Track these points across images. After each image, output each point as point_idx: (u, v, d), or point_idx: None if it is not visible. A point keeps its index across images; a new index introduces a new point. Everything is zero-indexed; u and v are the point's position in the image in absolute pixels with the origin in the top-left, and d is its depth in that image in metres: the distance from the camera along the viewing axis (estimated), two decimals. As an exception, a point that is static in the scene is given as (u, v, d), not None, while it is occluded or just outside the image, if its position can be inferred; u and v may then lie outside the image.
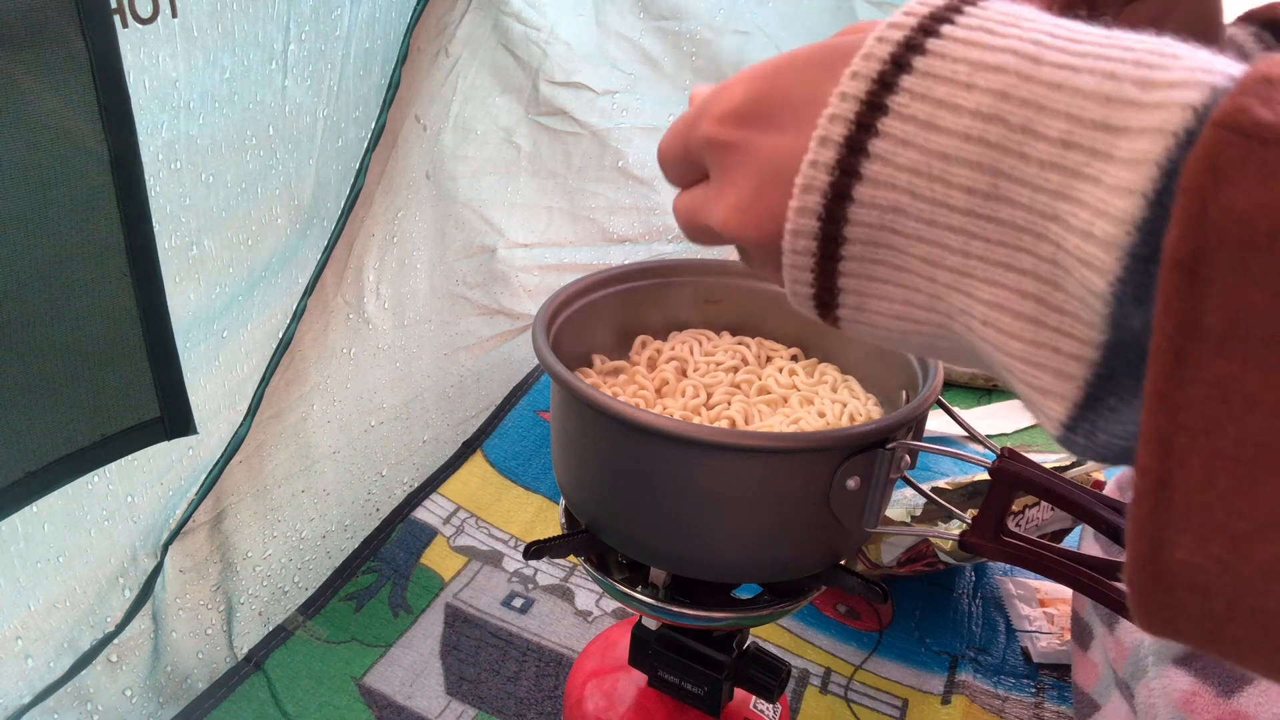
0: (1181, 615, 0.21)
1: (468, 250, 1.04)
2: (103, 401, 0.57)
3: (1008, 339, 0.24)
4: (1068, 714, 0.76)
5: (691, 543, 0.46)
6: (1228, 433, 0.19)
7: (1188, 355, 0.19)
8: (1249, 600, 0.20)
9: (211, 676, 0.77)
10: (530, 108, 1.04)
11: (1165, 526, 0.20)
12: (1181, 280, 0.19)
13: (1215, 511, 0.19)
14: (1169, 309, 0.19)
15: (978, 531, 0.43)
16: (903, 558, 0.82)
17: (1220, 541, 0.20)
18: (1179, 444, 0.20)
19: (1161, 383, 0.20)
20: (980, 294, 0.24)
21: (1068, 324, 0.23)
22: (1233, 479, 0.19)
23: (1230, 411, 0.19)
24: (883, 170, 0.25)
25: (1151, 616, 0.22)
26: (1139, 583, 0.21)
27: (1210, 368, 0.19)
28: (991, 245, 0.24)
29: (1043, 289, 0.23)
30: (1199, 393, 0.19)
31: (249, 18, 0.63)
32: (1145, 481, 0.20)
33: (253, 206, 0.71)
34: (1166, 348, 0.19)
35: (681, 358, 0.56)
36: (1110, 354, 0.22)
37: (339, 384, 0.89)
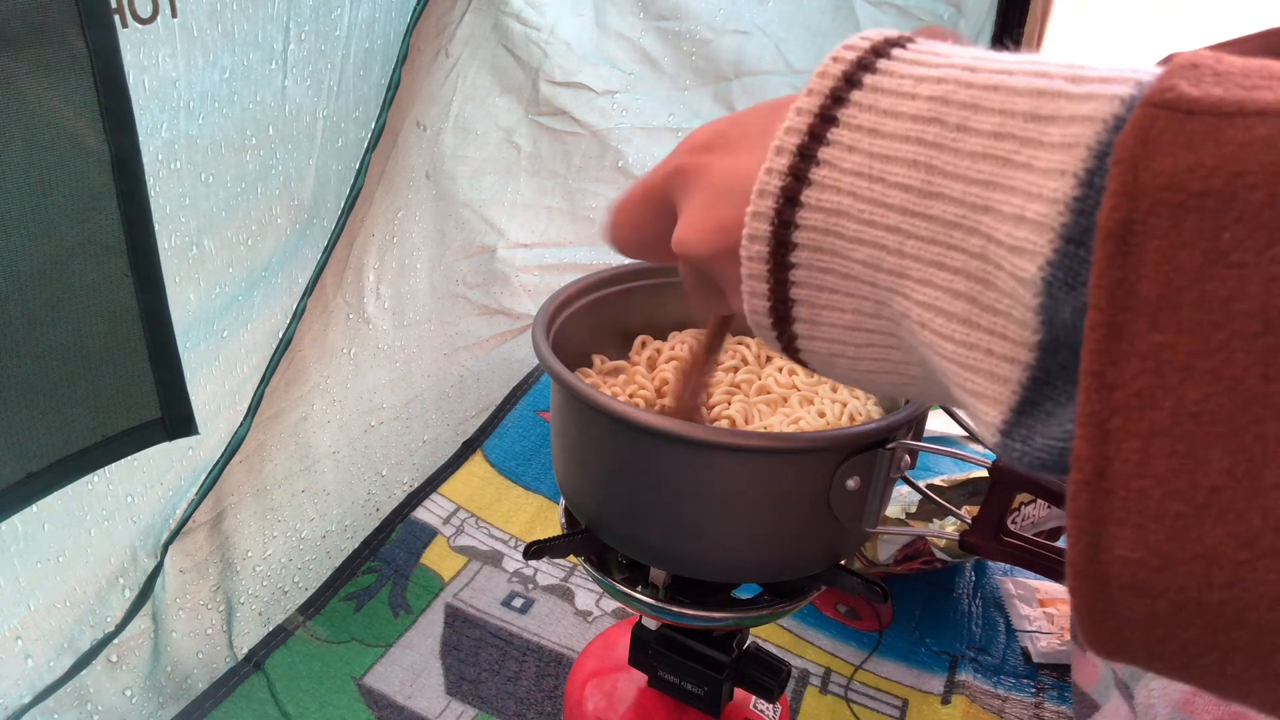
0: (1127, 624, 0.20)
1: (468, 250, 1.05)
2: (103, 402, 0.57)
3: (941, 340, 0.24)
4: (1068, 714, 0.76)
5: (691, 543, 0.46)
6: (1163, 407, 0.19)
7: (1122, 328, 0.19)
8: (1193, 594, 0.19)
9: (211, 676, 0.77)
10: (530, 108, 1.04)
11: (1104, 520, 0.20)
12: (1114, 250, 0.19)
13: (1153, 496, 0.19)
14: (1102, 281, 0.19)
15: (978, 532, 0.43)
16: (899, 555, 0.82)
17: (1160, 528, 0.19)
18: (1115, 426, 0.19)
19: (1096, 360, 0.19)
20: (915, 295, 0.25)
21: (1000, 324, 0.23)
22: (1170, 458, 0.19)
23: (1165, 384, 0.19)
24: (829, 175, 0.26)
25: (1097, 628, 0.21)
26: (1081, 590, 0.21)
27: (1145, 339, 0.19)
28: (924, 244, 0.24)
29: (974, 288, 0.23)
30: (1134, 367, 0.19)
31: (249, 18, 0.63)
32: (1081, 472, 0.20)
33: (253, 206, 0.71)
34: (1101, 322, 0.19)
35: (681, 358, 0.56)
36: (1044, 355, 0.22)
37: (339, 384, 0.89)
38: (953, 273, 0.24)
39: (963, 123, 0.23)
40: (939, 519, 0.83)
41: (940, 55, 0.25)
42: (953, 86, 0.24)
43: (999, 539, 0.43)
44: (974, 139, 0.23)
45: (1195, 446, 0.18)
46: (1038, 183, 0.21)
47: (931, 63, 0.25)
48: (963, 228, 0.23)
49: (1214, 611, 0.19)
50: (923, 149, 0.24)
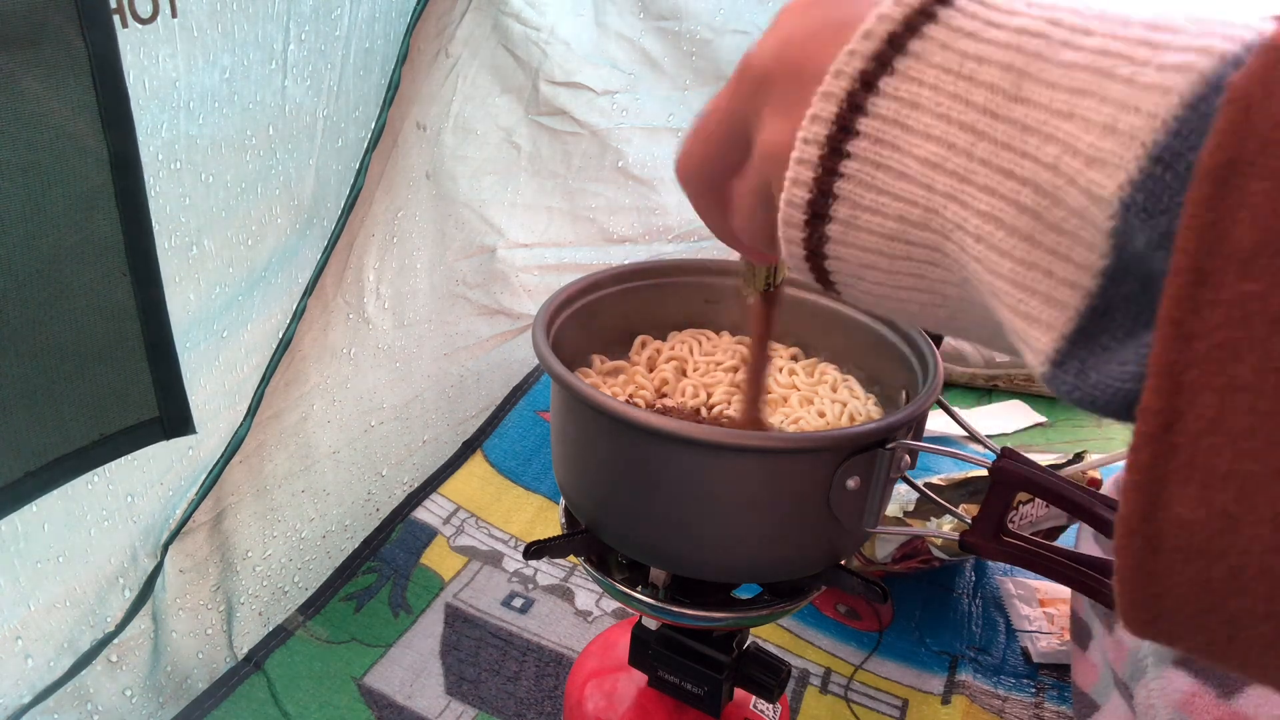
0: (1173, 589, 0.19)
1: (468, 250, 1.05)
2: (101, 401, 0.57)
3: (998, 257, 0.23)
4: (1068, 714, 0.76)
5: (691, 543, 0.46)
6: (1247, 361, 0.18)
7: (1209, 274, 0.18)
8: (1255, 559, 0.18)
9: (211, 676, 0.77)
10: (530, 108, 1.04)
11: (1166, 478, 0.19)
12: (1211, 191, 0.18)
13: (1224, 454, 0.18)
14: (1193, 223, 0.18)
15: (978, 532, 0.43)
16: (897, 554, 0.82)
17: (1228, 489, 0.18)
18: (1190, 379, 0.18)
19: (1177, 308, 0.18)
20: (976, 202, 0.23)
21: (1065, 245, 0.22)
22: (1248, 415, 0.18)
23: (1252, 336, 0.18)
24: (913, 66, 0.24)
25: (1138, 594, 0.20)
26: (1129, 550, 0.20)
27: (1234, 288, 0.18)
28: (997, 147, 0.23)
29: (1041, 202, 0.22)
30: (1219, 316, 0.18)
31: (249, 18, 0.63)
32: (1148, 425, 0.19)
33: (253, 206, 0.71)
34: (1187, 267, 0.18)
35: (681, 358, 0.56)
36: (1109, 283, 0.21)
37: (339, 384, 0.89)
38: (1021, 182, 0.22)
39: (1069, 40, 0.22)
40: (937, 518, 0.83)
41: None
42: (1065, 12, 0.23)
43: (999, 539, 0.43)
44: (1076, 53, 0.22)
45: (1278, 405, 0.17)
46: (1137, 96, 0.20)
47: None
48: (1040, 134, 0.22)
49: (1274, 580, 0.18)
50: (1020, 56, 0.23)
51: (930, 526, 0.82)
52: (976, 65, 0.23)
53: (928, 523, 0.82)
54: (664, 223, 1.24)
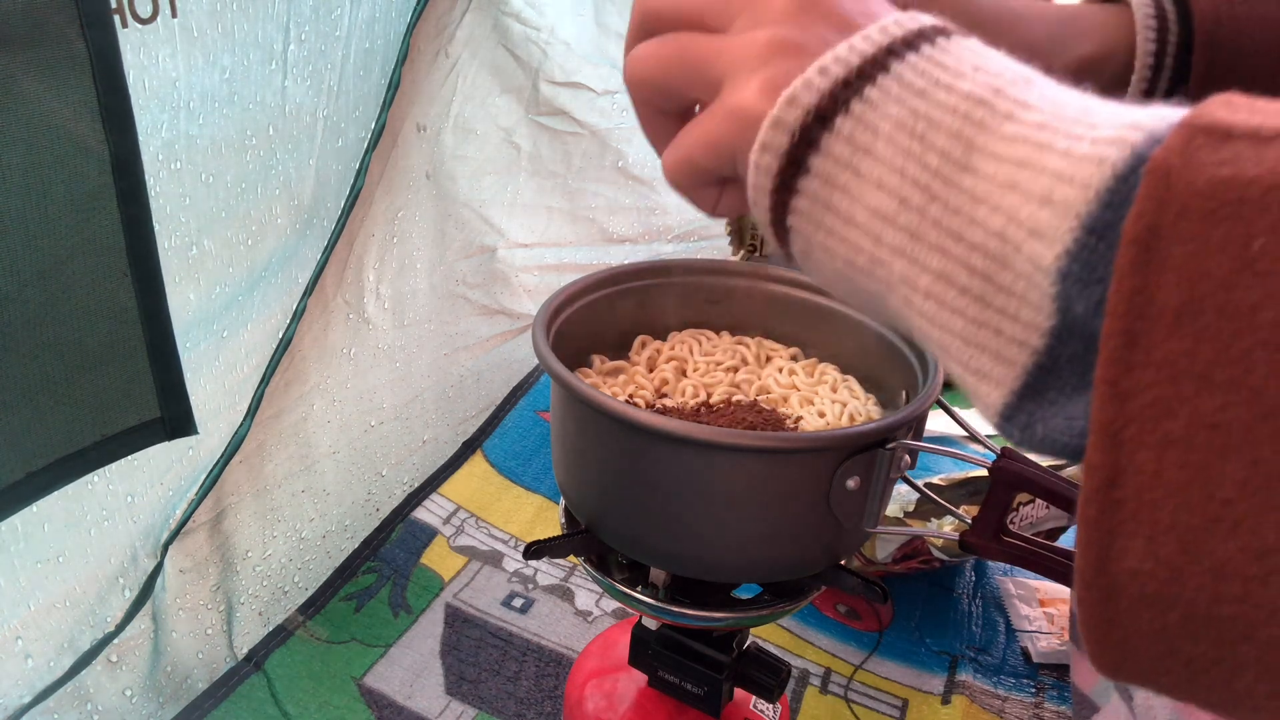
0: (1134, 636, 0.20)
1: (468, 250, 1.04)
2: (103, 402, 0.57)
3: (950, 315, 0.24)
4: (1067, 714, 0.76)
5: (691, 543, 0.46)
6: (1179, 417, 0.18)
7: (1139, 336, 0.19)
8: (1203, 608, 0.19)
9: (211, 676, 0.77)
10: (530, 108, 1.04)
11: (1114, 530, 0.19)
12: (1137, 256, 0.19)
13: (1166, 507, 0.19)
14: (1122, 285, 0.19)
15: (978, 532, 0.43)
16: (897, 554, 0.82)
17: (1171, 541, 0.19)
18: (1128, 435, 0.19)
19: (1111, 367, 0.19)
20: (928, 262, 0.24)
21: (1013, 306, 0.23)
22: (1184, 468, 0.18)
23: (1181, 393, 0.18)
24: (867, 112, 0.25)
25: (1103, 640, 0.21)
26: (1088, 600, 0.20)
27: (1162, 347, 0.19)
28: (948, 211, 0.24)
29: (990, 266, 0.23)
30: (1149, 376, 0.19)
31: (249, 18, 0.63)
32: (1092, 480, 0.20)
33: (253, 206, 0.71)
34: (1118, 328, 0.19)
35: (681, 358, 0.56)
36: (1054, 341, 0.22)
37: (339, 384, 0.89)
38: (970, 247, 0.23)
39: (1011, 113, 0.23)
40: (937, 518, 0.83)
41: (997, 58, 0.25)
42: (1008, 84, 0.24)
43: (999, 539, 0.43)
44: (1018, 126, 0.23)
45: (1210, 458, 0.18)
46: (1072, 168, 0.21)
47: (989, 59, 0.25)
48: (988, 204, 0.23)
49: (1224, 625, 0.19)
50: (968, 124, 0.24)
51: (930, 526, 0.82)
52: (928, 127, 0.24)
53: (928, 523, 0.82)
54: (664, 223, 1.24)
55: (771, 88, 0.26)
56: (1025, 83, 0.24)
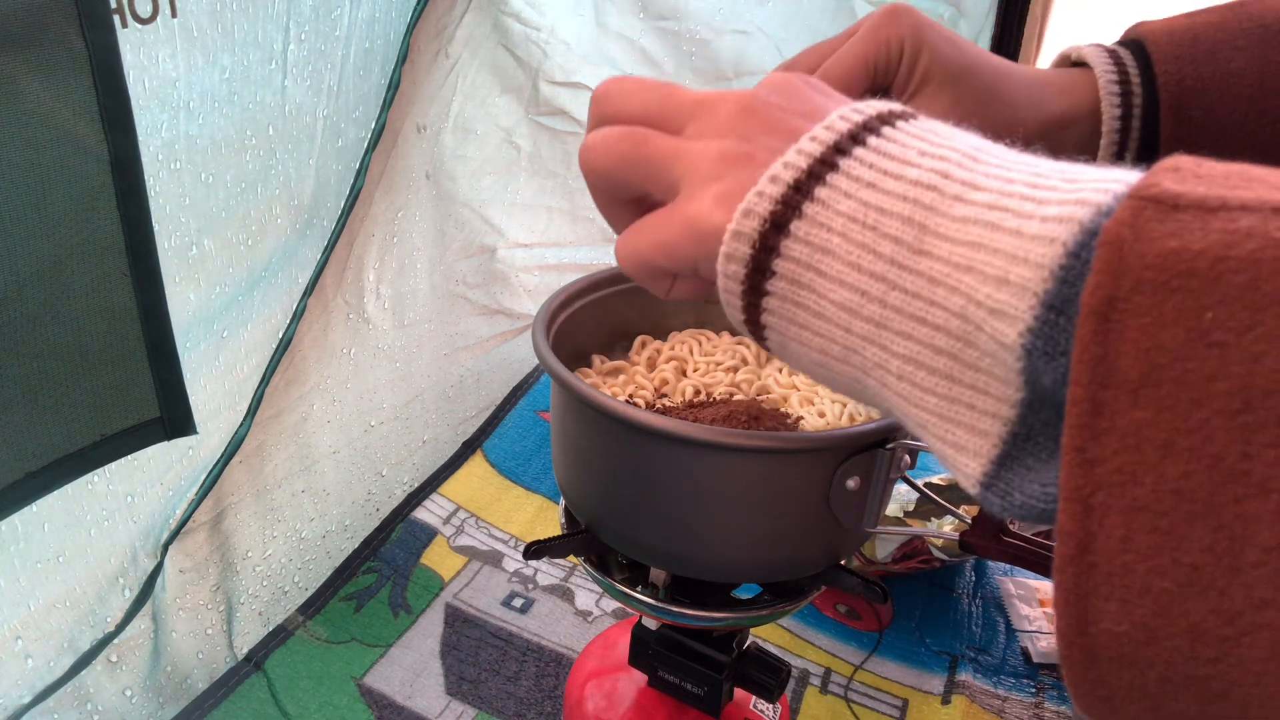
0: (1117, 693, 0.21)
1: (468, 250, 1.04)
2: (103, 401, 0.57)
3: (922, 394, 0.25)
4: (1068, 714, 0.76)
5: (691, 543, 0.46)
6: (1145, 484, 0.19)
7: (1102, 405, 0.19)
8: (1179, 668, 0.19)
9: (211, 676, 0.77)
10: (530, 108, 1.04)
11: (1089, 595, 0.20)
12: (1096, 327, 0.19)
13: (1137, 572, 0.19)
14: (1084, 358, 0.20)
15: (978, 532, 0.43)
16: (897, 554, 0.82)
17: (1145, 604, 0.19)
18: (1097, 501, 0.19)
19: (1078, 436, 0.20)
20: (895, 347, 0.25)
21: (983, 381, 0.23)
22: (1152, 534, 0.19)
23: (1145, 460, 0.19)
24: (821, 212, 0.26)
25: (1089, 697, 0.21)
26: (1070, 660, 0.21)
27: (1125, 416, 0.19)
28: (908, 297, 0.24)
29: (955, 345, 0.24)
30: (1114, 444, 0.19)
31: (249, 18, 0.63)
32: (1066, 547, 0.20)
33: (253, 206, 0.71)
34: (1082, 398, 0.20)
35: (681, 358, 0.56)
36: (1026, 412, 0.23)
37: (339, 384, 0.89)
38: (934, 329, 0.24)
39: (960, 195, 0.24)
40: (937, 518, 0.83)
41: (944, 136, 0.26)
42: (954, 165, 0.25)
43: (999, 539, 0.43)
44: (968, 207, 0.23)
45: (1176, 523, 0.19)
46: (1025, 247, 0.22)
47: (935, 141, 0.26)
48: (945, 285, 0.23)
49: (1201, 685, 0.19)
50: (918, 209, 0.24)
51: (930, 526, 0.82)
52: (879, 216, 0.25)
53: (928, 523, 0.82)
54: (664, 223, 1.23)
55: (725, 199, 0.28)
56: (972, 161, 0.25)
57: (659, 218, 0.31)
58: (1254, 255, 0.18)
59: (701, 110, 0.31)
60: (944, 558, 0.82)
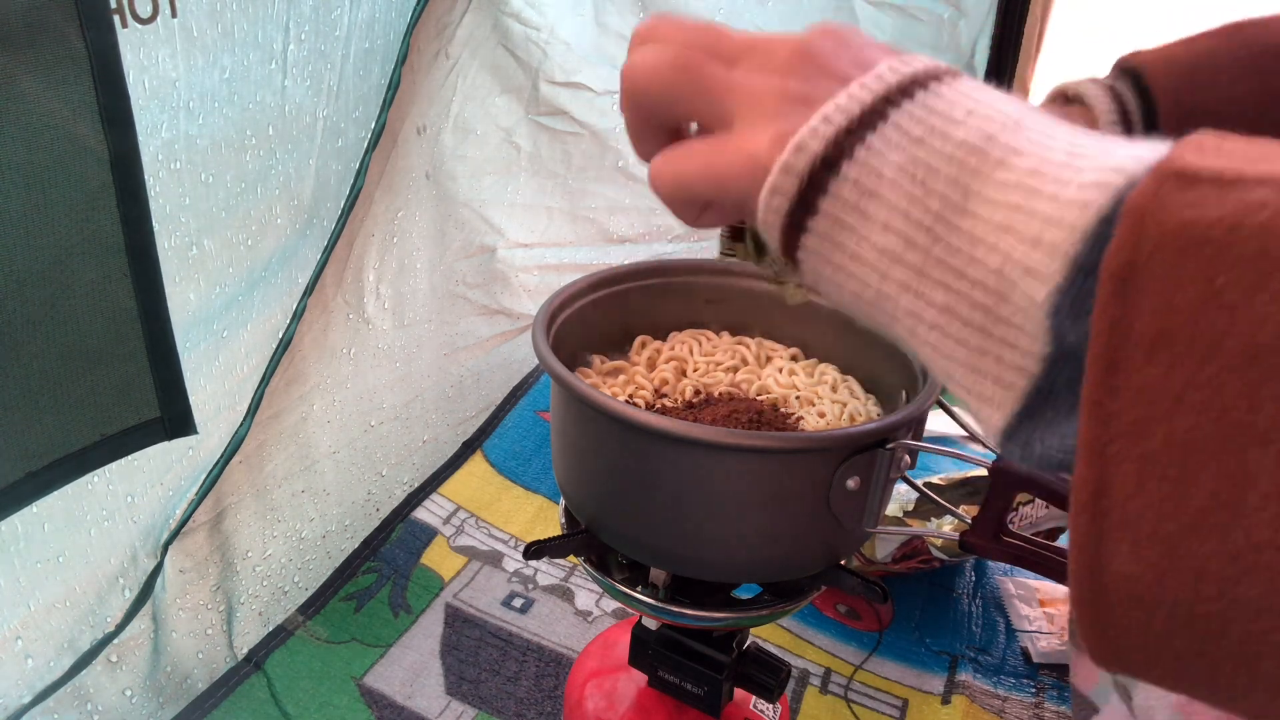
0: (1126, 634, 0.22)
1: (468, 250, 1.04)
2: (103, 401, 0.57)
3: (954, 345, 0.26)
4: (1067, 714, 0.76)
5: (691, 543, 0.46)
6: (1156, 435, 0.20)
7: (1119, 362, 0.21)
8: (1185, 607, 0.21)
9: (211, 676, 0.77)
10: (530, 108, 1.04)
11: (1103, 537, 0.21)
12: (1116, 289, 0.21)
13: (1148, 516, 0.21)
14: (1103, 317, 0.21)
15: (978, 532, 0.43)
16: (897, 554, 0.82)
17: (1154, 546, 0.21)
18: (1112, 451, 0.21)
19: (1096, 390, 0.21)
20: (933, 296, 0.26)
21: (1012, 335, 0.24)
22: (1162, 480, 0.20)
23: (1157, 413, 0.20)
24: (871, 157, 0.27)
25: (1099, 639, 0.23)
26: (1083, 601, 0.22)
27: (1140, 373, 0.20)
28: (951, 251, 0.26)
29: (990, 299, 0.25)
30: (1129, 398, 0.21)
31: (249, 18, 0.63)
32: (1082, 492, 0.21)
33: (253, 206, 0.71)
34: (1100, 355, 0.21)
35: (681, 358, 0.56)
36: (1050, 367, 0.24)
37: (339, 384, 0.89)
38: (972, 283, 0.25)
39: (1003, 159, 0.25)
40: (937, 518, 0.83)
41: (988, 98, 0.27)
42: (998, 128, 0.26)
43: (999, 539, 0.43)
44: (1010, 172, 0.25)
45: (1185, 471, 0.20)
46: (1060, 211, 0.23)
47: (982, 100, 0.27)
48: (985, 244, 0.25)
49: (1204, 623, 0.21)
50: (964, 172, 0.25)
51: (930, 526, 0.82)
52: (928, 173, 0.26)
53: (928, 523, 0.82)
54: (664, 223, 1.24)
55: (781, 137, 0.28)
56: (1016, 126, 0.26)
57: (710, 145, 0.31)
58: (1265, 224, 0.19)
59: (755, 49, 0.31)
60: (944, 558, 0.82)
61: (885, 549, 0.82)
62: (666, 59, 0.32)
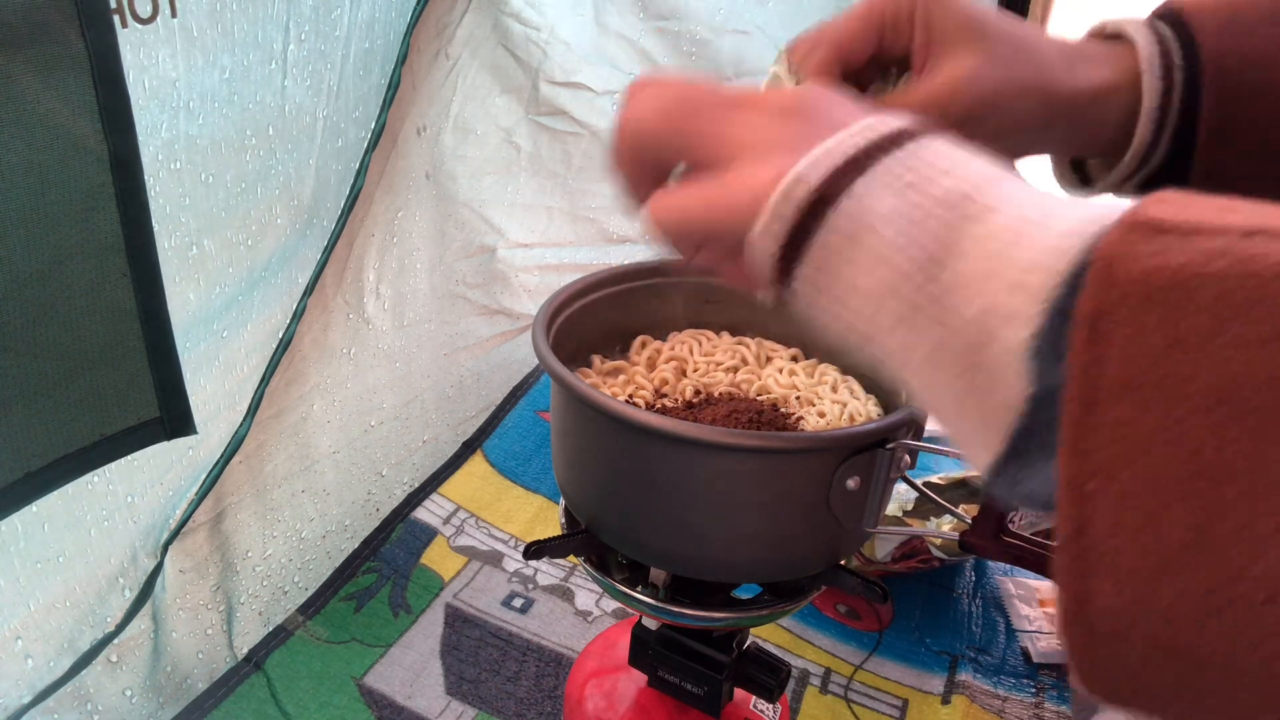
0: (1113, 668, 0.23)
1: (468, 250, 1.04)
2: (102, 401, 0.57)
3: (943, 384, 0.27)
4: (1068, 714, 0.76)
5: (691, 543, 0.46)
6: (1130, 473, 0.21)
7: (1094, 402, 0.22)
8: (1165, 641, 0.21)
9: (211, 676, 0.77)
10: (530, 108, 1.04)
11: (1086, 574, 0.22)
12: (1088, 335, 0.22)
13: (1126, 552, 0.21)
14: (1077, 360, 0.22)
15: (978, 531, 0.43)
16: (897, 553, 0.82)
17: (1134, 581, 0.21)
18: (1090, 489, 0.22)
19: (1072, 430, 0.22)
20: (922, 337, 0.27)
21: (996, 377, 0.25)
22: (1138, 517, 0.21)
23: (1131, 452, 0.21)
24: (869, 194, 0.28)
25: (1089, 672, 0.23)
26: (1072, 636, 0.23)
27: (1113, 413, 0.21)
28: (940, 292, 0.26)
29: (973, 344, 0.26)
30: (1104, 437, 0.21)
31: (249, 18, 0.63)
32: (1065, 528, 0.22)
33: (253, 206, 0.71)
34: (1076, 396, 0.22)
35: (681, 358, 0.56)
36: (1034, 407, 0.24)
37: (339, 384, 0.89)
38: (955, 330, 0.26)
39: (983, 213, 0.26)
40: (936, 517, 0.83)
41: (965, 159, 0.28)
42: (975, 188, 0.27)
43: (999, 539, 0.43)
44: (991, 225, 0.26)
45: (1160, 508, 0.21)
46: (1037, 259, 0.24)
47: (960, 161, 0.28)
48: (970, 290, 0.26)
49: (1185, 657, 0.21)
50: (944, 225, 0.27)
51: (930, 526, 0.82)
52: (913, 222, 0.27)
53: (927, 522, 0.82)
54: (664, 223, 1.23)
55: (782, 172, 0.29)
56: (995, 182, 0.27)
57: (712, 183, 0.32)
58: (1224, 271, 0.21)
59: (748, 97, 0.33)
60: (943, 557, 0.82)
61: (884, 548, 0.82)
62: (665, 101, 0.33)
